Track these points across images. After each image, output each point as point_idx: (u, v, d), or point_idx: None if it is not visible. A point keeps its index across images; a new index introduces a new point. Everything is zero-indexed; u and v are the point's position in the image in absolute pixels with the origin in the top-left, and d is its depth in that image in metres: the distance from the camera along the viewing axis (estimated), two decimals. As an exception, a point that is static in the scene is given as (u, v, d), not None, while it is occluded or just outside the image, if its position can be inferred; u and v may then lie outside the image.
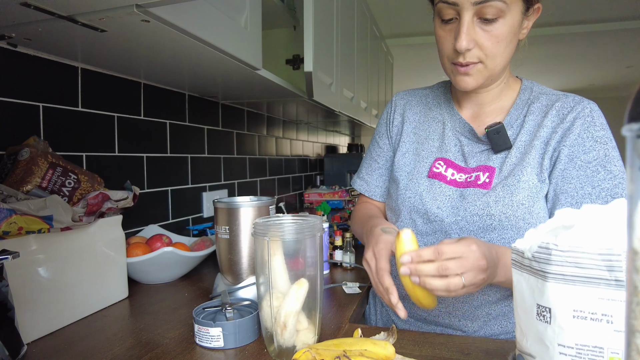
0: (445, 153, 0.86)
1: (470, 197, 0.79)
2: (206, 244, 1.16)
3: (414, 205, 0.85)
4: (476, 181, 0.80)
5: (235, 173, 1.78)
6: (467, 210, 0.79)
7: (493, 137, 0.79)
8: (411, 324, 0.90)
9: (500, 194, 0.76)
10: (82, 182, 0.86)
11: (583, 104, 0.77)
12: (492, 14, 0.70)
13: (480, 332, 0.82)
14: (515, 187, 0.76)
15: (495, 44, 0.73)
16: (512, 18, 0.72)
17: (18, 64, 0.87)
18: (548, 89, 0.84)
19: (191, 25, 0.75)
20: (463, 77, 0.77)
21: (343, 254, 1.23)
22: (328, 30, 1.46)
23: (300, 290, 0.62)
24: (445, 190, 0.82)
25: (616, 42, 4.03)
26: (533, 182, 0.76)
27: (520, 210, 0.75)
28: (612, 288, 0.40)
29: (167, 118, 1.32)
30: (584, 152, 0.74)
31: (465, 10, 0.71)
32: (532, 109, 0.81)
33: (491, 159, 0.81)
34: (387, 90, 3.07)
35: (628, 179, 0.20)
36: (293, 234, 0.64)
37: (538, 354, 0.45)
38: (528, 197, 0.75)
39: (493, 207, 0.76)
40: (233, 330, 0.68)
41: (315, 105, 1.63)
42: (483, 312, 0.81)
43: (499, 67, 0.76)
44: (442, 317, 0.84)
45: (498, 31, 0.72)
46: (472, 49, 0.73)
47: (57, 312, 0.77)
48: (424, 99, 0.95)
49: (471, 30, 0.72)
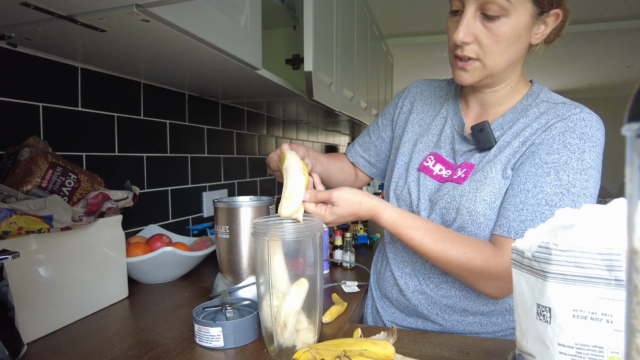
0: (440, 149, 0.87)
1: (443, 190, 0.82)
2: (206, 243, 1.16)
3: (402, 194, 0.89)
4: (453, 176, 0.82)
5: (235, 173, 1.78)
6: (437, 204, 0.81)
7: (477, 135, 0.80)
8: (396, 315, 0.91)
9: (466, 188, 0.78)
10: (82, 182, 0.86)
11: (576, 110, 0.73)
12: (494, 11, 0.69)
13: (458, 328, 0.83)
14: (482, 183, 0.76)
15: (494, 42, 0.72)
16: (518, 19, 0.70)
17: (18, 64, 0.87)
18: (557, 97, 0.80)
19: (191, 25, 0.75)
20: (460, 71, 0.77)
21: (343, 253, 1.23)
22: (328, 30, 1.46)
23: (300, 290, 0.62)
24: (429, 184, 0.85)
25: (616, 42, 4.03)
26: (497, 179, 0.76)
27: (482, 205, 0.75)
28: (612, 288, 0.40)
29: (167, 118, 1.32)
30: (547, 153, 0.72)
31: (468, 3, 0.71)
32: (528, 113, 0.79)
33: (474, 157, 0.82)
34: (387, 90, 3.06)
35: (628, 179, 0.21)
36: (293, 233, 0.64)
37: (538, 354, 0.46)
38: (491, 193, 0.75)
39: (458, 200, 0.78)
40: (233, 330, 0.68)
41: (315, 105, 1.63)
42: (460, 307, 0.82)
43: (498, 67, 0.75)
44: (421, 307, 0.86)
45: (499, 30, 0.71)
46: (471, 44, 0.73)
47: (57, 312, 0.77)
48: (437, 91, 0.96)
49: (471, 25, 0.72)
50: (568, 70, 5.55)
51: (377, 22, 2.51)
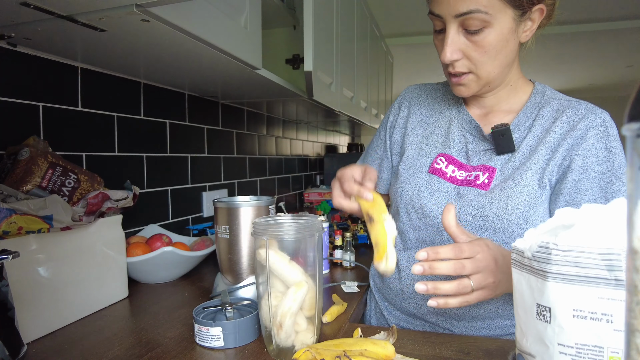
0: (449, 149, 0.85)
1: (467, 196, 0.79)
2: (206, 243, 1.16)
3: (411, 199, 0.85)
4: (475, 180, 0.79)
5: (235, 173, 1.78)
6: (461, 210, 0.78)
7: (497, 139, 0.78)
8: (401, 319, 0.90)
9: (496, 196, 0.76)
10: (82, 181, 0.86)
11: (596, 112, 0.75)
12: (475, 25, 0.70)
13: (467, 332, 0.82)
14: (513, 190, 0.75)
15: (483, 54, 0.72)
16: (501, 26, 0.70)
17: (18, 64, 0.87)
18: (560, 95, 0.82)
19: (191, 25, 0.75)
20: (456, 86, 0.78)
21: (343, 253, 1.23)
22: (328, 30, 1.46)
23: (298, 292, 0.61)
24: (444, 187, 0.82)
25: (616, 42, 4.03)
26: (533, 188, 0.75)
27: (514, 214, 0.74)
28: (612, 287, 0.40)
29: (167, 118, 1.32)
30: (598, 163, 0.72)
31: (449, 22, 0.71)
32: (541, 113, 0.79)
33: (493, 160, 0.80)
34: (387, 90, 3.06)
35: (628, 179, 0.20)
36: (293, 233, 0.64)
37: (538, 354, 0.46)
38: (525, 202, 0.74)
39: (487, 208, 0.76)
40: (233, 330, 0.68)
41: (315, 105, 1.63)
42: (469, 315, 0.81)
43: (493, 75, 0.75)
44: (429, 315, 0.84)
45: (484, 41, 0.71)
46: (461, 60, 0.74)
47: (57, 312, 0.77)
48: (433, 93, 0.95)
49: (457, 42, 0.72)
50: (568, 70, 5.55)
51: (377, 22, 2.51)
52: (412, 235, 0.86)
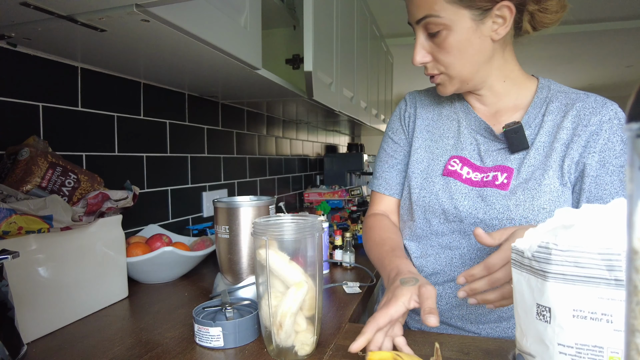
0: (461, 151, 0.84)
1: (489, 198, 0.78)
2: (206, 243, 1.16)
3: (430, 205, 0.83)
4: (493, 181, 0.78)
5: (235, 173, 1.78)
6: (486, 213, 0.77)
7: (510, 137, 0.78)
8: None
9: (520, 197, 0.75)
10: (82, 181, 0.86)
11: (607, 105, 0.75)
12: (434, 29, 0.73)
13: (493, 335, 0.82)
14: (537, 190, 0.74)
15: (447, 55, 0.75)
16: (459, 27, 0.71)
17: (18, 64, 0.87)
18: (566, 88, 0.82)
19: (191, 25, 0.75)
20: (436, 86, 0.82)
21: (343, 253, 1.23)
22: (328, 30, 1.46)
23: (298, 292, 0.61)
24: (462, 188, 0.81)
25: (616, 42, 4.03)
26: (555, 186, 0.74)
27: (542, 214, 0.74)
28: (612, 288, 0.40)
29: (167, 118, 1.32)
30: (615, 157, 0.73)
31: (416, 28, 0.77)
32: (550, 108, 0.79)
33: (508, 159, 0.79)
34: (387, 90, 3.06)
35: (628, 179, 0.21)
36: (292, 233, 0.64)
37: (538, 354, 0.46)
38: (549, 201, 0.74)
39: (513, 210, 0.75)
40: (233, 330, 0.68)
41: (315, 105, 1.63)
42: (494, 316, 0.81)
43: (465, 73, 0.76)
44: (454, 319, 0.84)
45: (444, 43, 0.74)
46: (430, 62, 0.78)
47: (57, 312, 0.77)
48: (436, 97, 0.94)
49: (425, 45, 0.77)
50: (568, 70, 5.55)
51: (377, 22, 2.51)
52: (434, 242, 0.85)
